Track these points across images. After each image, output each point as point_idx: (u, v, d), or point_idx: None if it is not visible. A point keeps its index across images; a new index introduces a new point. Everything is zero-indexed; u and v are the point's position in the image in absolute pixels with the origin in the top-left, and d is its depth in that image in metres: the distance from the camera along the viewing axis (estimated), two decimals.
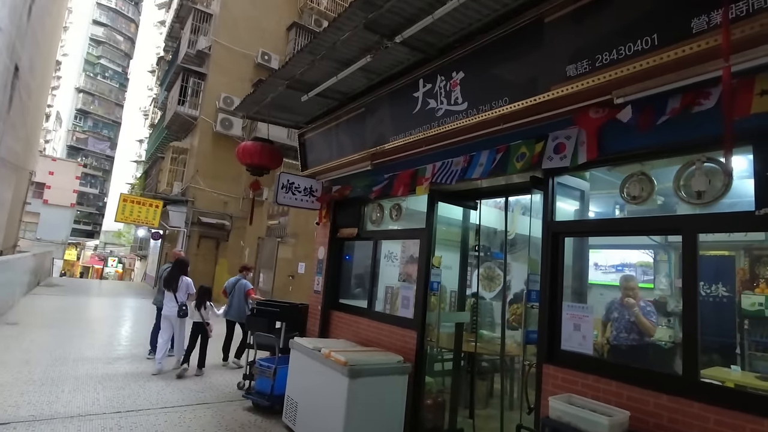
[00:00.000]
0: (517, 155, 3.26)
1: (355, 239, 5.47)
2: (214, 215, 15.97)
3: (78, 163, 37.97)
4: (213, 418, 4.39)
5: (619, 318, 3.92)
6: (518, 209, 5.43)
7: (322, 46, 3.75)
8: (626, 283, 4.02)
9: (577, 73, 2.60)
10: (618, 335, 3.88)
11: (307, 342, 4.29)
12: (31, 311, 10.51)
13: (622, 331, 3.85)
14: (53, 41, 20.10)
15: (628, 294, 3.91)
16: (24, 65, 12.77)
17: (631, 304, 3.84)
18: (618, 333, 3.88)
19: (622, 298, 3.95)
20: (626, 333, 3.83)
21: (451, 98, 3.53)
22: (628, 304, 3.86)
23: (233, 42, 16.79)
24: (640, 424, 2.40)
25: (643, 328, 3.79)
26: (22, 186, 17.75)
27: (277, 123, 5.93)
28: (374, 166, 4.65)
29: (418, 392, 3.99)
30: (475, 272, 5.23)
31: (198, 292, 6.31)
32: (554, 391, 2.85)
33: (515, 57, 3.04)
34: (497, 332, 5.49)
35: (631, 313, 3.83)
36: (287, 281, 11.01)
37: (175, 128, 18.47)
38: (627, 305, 3.87)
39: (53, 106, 43.35)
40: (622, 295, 3.95)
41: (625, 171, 2.91)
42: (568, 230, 3.22)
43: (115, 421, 4.10)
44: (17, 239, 19.63)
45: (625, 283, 4.02)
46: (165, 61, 25.84)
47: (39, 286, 16.86)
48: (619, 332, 3.87)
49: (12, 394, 4.55)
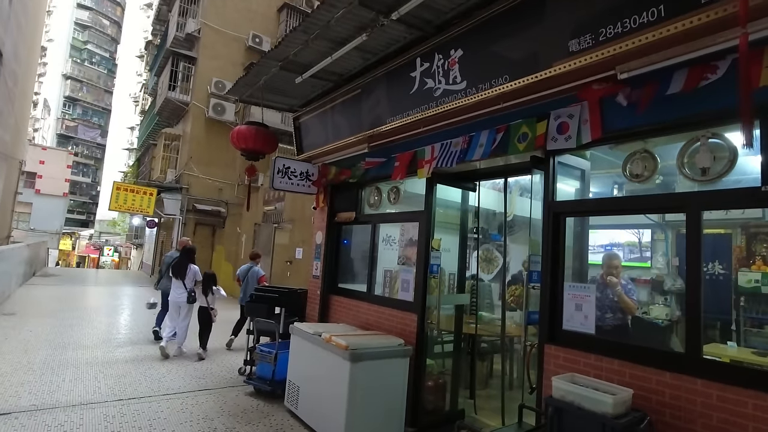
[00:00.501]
0: (518, 135, 3.20)
1: (353, 223, 5.43)
2: (209, 202, 15.85)
3: (69, 152, 37.41)
4: (215, 404, 4.41)
5: (601, 297, 3.69)
6: (516, 190, 5.40)
7: (315, 24, 3.63)
8: (610, 261, 3.83)
9: (580, 48, 2.52)
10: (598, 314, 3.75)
11: (308, 327, 4.28)
12: (27, 301, 10.46)
13: (604, 310, 3.68)
14: (37, 26, 19.55)
15: (612, 272, 3.74)
16: (8, 51, 12.42)
17: (614, 282, 3.69)
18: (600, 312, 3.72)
19: (603, 276, 3.78)
20: (609, 312, 3.69)
21: (450, 77, 3.45)
22: (611, 283, 3.70)
23: (223, 24, 16.40)
24: (643, 402, 2.41)
25: (625, 307, 3.68)
26: (12, 176, 17.48)
27: (271, 106, 5.81)
28: (371, 148, 4.58)
29: (420, 374, 4.01)
30: (474, 254, 5.22)
31: (204, 278, 6.51)
32: (556, 370, 2.86)
33: (515, 32, 2.95)
34: (496, 314, 5.52)
35: (614, 293, 3.69)
36: (285, 267, 11.00)
37: (166, 114, 18.17)
38: (610, 284, 3.71)
39: (40, 94, 42.46)
40: (604, 273, 3.78)
41: (628, 149, 2.87)
42: (569, 210, 3.19)
43: (117, 408, 4.11)
44: (10, 230, 19.44)
45: (608, 261, 3.83)
46: (153, 45, 25.27)
47: (35, 276, 16.78)
48: (602, 311, 3.66)
49: (12, 384, 4.53)
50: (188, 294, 6.30)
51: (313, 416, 3.90)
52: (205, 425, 3.86)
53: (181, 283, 6.33)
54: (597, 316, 3.69)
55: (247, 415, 4.17)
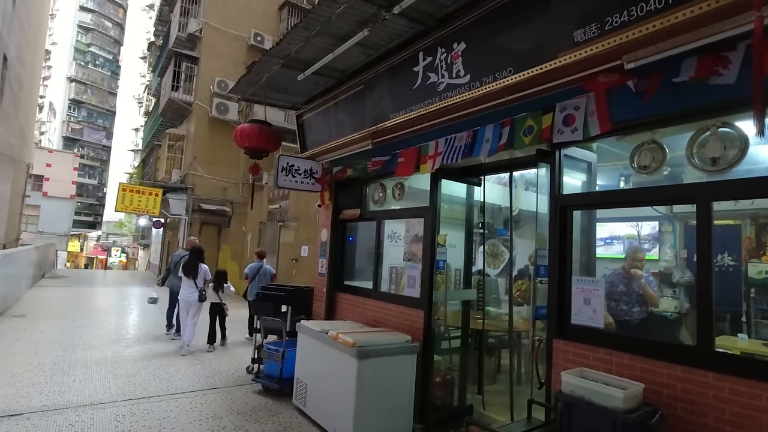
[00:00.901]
0: (524, 129, 3.16)
1: (357, 220, 5.42)
2: (214, 202, 15.91)
3: (75, 154, 37.71)
4: (224, 402, 4.43)
5: (627, 291, 3.84)
6: (522, 184, 5.35)
7: (317, 20, 3.61)
8: (634, 254, 3.90)
9: (586, 38, 2.48)
10: (623, 308, 3.79)
11: (314, 325, 4.28)
12: (37, 303, 10.56)
13: (631, 304, 3.76)
14: (40, 29, 19.65)
15: (636, 265, 3.80)
16: (12, 55, 12.50)
17: (638, 275, 3.77)
18: (626, 306, 3.80)
19: (626, 269, 3.84)
20: (636, 306, 3.75)
21: (453, 71, 3.41)
22: (636, 276, 3.77)
23: (224, 23, 16.40)
24: (654, 396, 2.39)
25: (650, 299, 3.75)
26: (20, 179, 17.63)
27: (274, 104, 5.80)
28: (375, 144, 4.56)
29: (427, 370, 4.00)
30: (480, 250, 5.19)
31: (215, 276, 6.90)
32: (565, 365, 2.84)
33: (519, 23, 2.91)
34: (503, 309, 5.49)
35: (639, 285, 3.76)
36: (291, 265, 11.02)
37: (170, 115, 18.23)
38: (634, 276, 3.78)
39: (46, 97, 42.78)
40: (628, 267, 3.84)
41: (636, 140, 2.82)
42: (576, 203, 3.16)
43: (127, 408, 4.13)
44: (19, 232, 19.64)
45: (633, 254, 3.90)
46: (156, 46, 25.34)
47: (44, 278, 16.95)
48: (629, 305, 3.77)
49: (24, 385, 4.58)
50: (199, 293, 6.48)
51: (322, 413, 3.90)
52: (214, 424, 3.88)
53: (192, 282, 6.47)
54: (623, 310, 3.72)
55: (255, 413, 4.18)
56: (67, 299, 11.77)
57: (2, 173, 13.24)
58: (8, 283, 9.27)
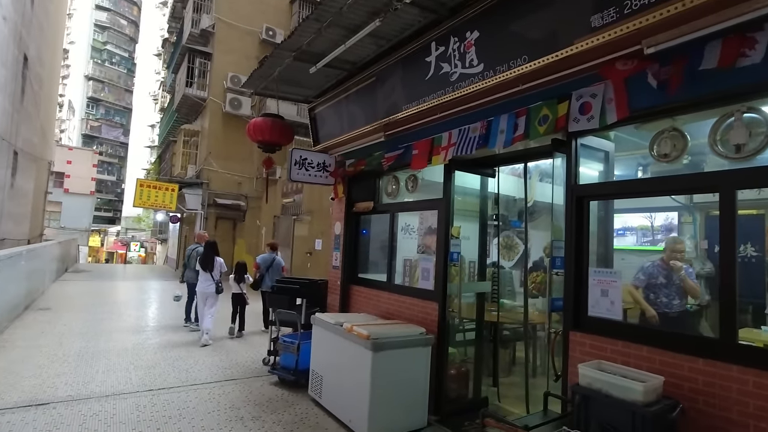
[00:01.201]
0: (538, 118, 3.10)
1: (371, 213, 5.41)
2: (229, 196, 16.09)
3: (94, 151, 38.47)
4: (241, 393, 4.50)
5: (667, 282, 3.71)
6: (536, 175, 5.27)
7: (328, 12, 3.59)
8: (674, 245, 3.79)
9: (603, 23, 2.41)
10: (663, 300, 3.68)
11: (329, 317, 4.31)
12: (61, 296, 10.87)
13: (671, 296, 3.67)
14: (59, 29, 20.01)
15: (675, 257, 3.69)
16: (32, 55, 12.77)
17: (678, 267, 3.66)
18: (666, 298, 3.69)
19: (665, 261, 3.74)
20: (676, 298, 3.66)
21: (466, 60, 3.36)
22: (676, 268, 3.66)
23: (236, 18, 16.47)
24: (675, 389, 2.34)
25: (691, 291, 3.66)
26: (42, 176, 18.09)
27: (286, 98, 5.81)
28: (387, 137, 4.53)
29: (442, 363, 4.00)
30: (494, 241, 5.14)
31: (236, 269, 7.35)
32: (582, 358, 2.80)
33: (534, 10, 2.84)
34: (518, 301, 5.44)
35: (679, 277, 3.66)
36: (305, 258, 11.11)
37: (184, 111, 18.44)
38: (674, 268, 3.67)
39: (65, 96, 43.69)
40: (667, 258, 3.74)
41: (655, 127, 2.74)
42: (593, 193, 3.09)
43: (148, 398, 4.24)
44: (43, 228, 20.20)
45: (672, 245, 3.79)
46: (170, 43, 25.57)
47: (67, 273, 17.43)
48: (669, 298, 3.68)
49: (49, 375, 4.73)
50: (216, 285, 6.70)
51: (337, 405, 3.94)
52: (231, 414, 3.95)
53: (209, 275, 6.69)
54: (663, 302, 3.66)
55: (272, 404, 4.24)
56: (89, 293, 12.09)
57: (25, 171, 13.59)
58: (33, 277, 9.56)
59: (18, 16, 10.74)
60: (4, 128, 10.28)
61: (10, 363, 5.08)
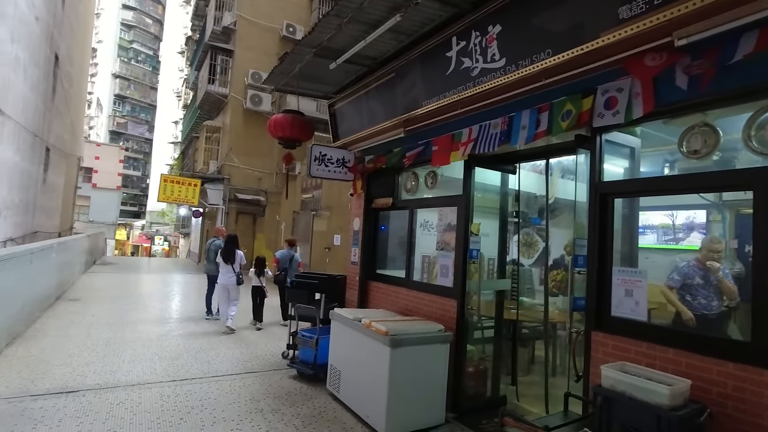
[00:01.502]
0: (562, 113, 3.03)
1: (390, 209, 5.41)
2: (249, 191, 16.33)
3: (120, 147, 39.67)
4: (261, 386, 4.58)
5: (704, 284, 3.57)
6: (558, 172, 5.17)
7: (348, 7, 3.58)
8: (711, 245, 3.64)
9: (632, 15, 2.33)
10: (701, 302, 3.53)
11: (348, 313, 4.33)
12: (89, 288, 11.26)
13: (710, 297, 3.52)
14: (87, 28, 20.61)
15: (713, 257, 3.54)
16: (63, 54, 13.19)
17: (716, 268, 3.51)
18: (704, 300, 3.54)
19: (701, 261, 3.60)
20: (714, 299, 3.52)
21: (488, 55, 3.31)
22: (713, 268, 3.52)
23: (257, 15, 16.63)
24: (702, 393, 2.27)
25: (727, 292, 3.51)
26: (72, 171, 18.74)
27: (306, 94, 5.84)
28: (407, 133, 4.51)
29: (460, 360, 3.98)
30: (513, 239, 5.07)
31: (257, 263, 7.68)
32: (604, 359, 2.74)
33: (559, 2, 2.77)
34: (537, 299, 5.37)
35: (717, 278, 3.51)
36: (323, 253, 11.19)
37: (207, 107, 18.77)
38: (711, 269, 3.53)
39: (93, 93, 45.02)
40: (703, 258, 3.59)
41: (685, 123, 2.65)
42: (618, 191, 3.01)
43: (171, 389, 4.35)
44: (72, 221, 20.94)
45: (709, 245, 3.64)
46: (193, 40, 26.05)
47: (95, 265, 18.02)
48: (708, 299, 3.53)
49: (79, 364, 4.91)
50: (237, 277, 7.04)
51: (355, 400, 3.97)
52: (251, 406, 4.02)
53: (230, 267, 7.03)
54: (701, 303, 3.53)
55: (291, 398, 4.30)
56: (116, 285, 12.48)
57: (56, 166, 14.09)
58: (64, 269, 9.92)
59: (50, 17, 11.10)
60: (36, 125, 10.67)
61: (42, 351, 5.30)
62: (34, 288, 6.88)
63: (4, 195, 8.54)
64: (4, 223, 8.58)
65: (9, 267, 5.32)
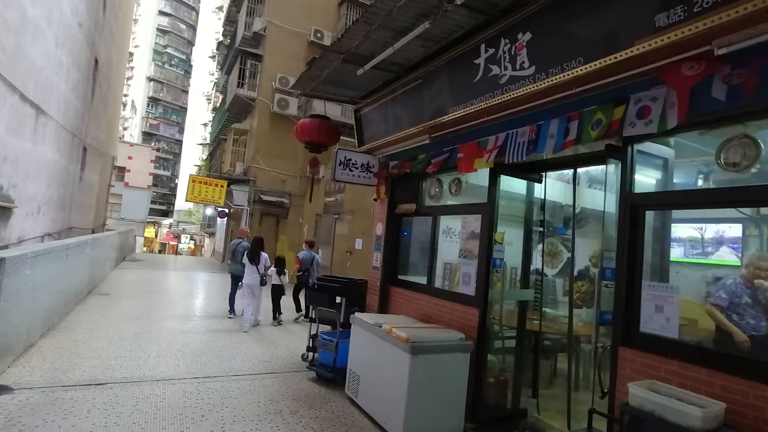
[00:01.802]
0: (592, 122, 2.97)
1: (413, 215, 5.40)
2: (273, 193, 16.61)
3: (152, 148, 40.96)
4: (280, 387, 4.63)
5: (753, 303, 3.32)
6: (585, 181, 5.05)
7: (377, 14, 3.61)
8: (758, 261, 3.42)
9: (669, 23, 2.27)
10: (750, 322, 3.28)
11: (368, 317, 4.34)
12: (119, 283, 11.65)
13: (759, 317, 3.28)
14: (126, 33, 21.46)
15: (760, 275, 3.32)
16: (102, 58, 13.77)
17: (765, 286, 3.28)
18: (753, 320, 3.29)
19: (746, 278, 3.37)
20: (764, 319, 3.28)
21: (517, 62, 3.28)
22: (763, 288, 3.29)
23: (286, 21, 16.97)
24: (738, 417, 2.16)
25: None
26: (106, 170, 19.46)
27: (333, 99, 5.91)
28: (432, 139, 4.50)
29: (480, 370, 3.92)
30: (537, 248, 4.98)
31: (277, 263, 8.03)
32: (632, 376, 2.65)
33: (592, 9, 2.72)
34: (560, 310, 5.25)
35: (765, 297, 3.27)
36: (345, 257, 11.26)
37: (235, 110, 19.23)
38: (760, 288, 3.30)
39: (128, 95, 46.78)
40: (749, 275, 3.36)
41: (724, 134, 2.55)
42: (650, 203, 2.93)
43: (194, 386, 4.45)
44: (105, 218, 21.73)
45: (756, 262, 3.42)
46: (224, 45, 26.78)
47: (125, 261, 18.64)
48: (757, 320, 3.28)
49: (108, 357, 5.07)
50: (261, 277, 7.34)
51: (373, 405, 3.96)
52: (271, 407, 4.07)
53: (255, 268, 7.31)
54: (750, 324, 3.28)
55: (309, 400, 4.33)
56: (144, 281, 12.87)
57: (92, 165, 14.68)
58: (96, 264, 10.30)
59: (91, 23, 11.62)
60: (76, 126, 11.15)
61: (74, 343, 5.50)
62: (69, 282, 7.16)
63: (44, 191, 8.94)
64: (42, 219, 8.98)
65: (46, 261, 5.56)
